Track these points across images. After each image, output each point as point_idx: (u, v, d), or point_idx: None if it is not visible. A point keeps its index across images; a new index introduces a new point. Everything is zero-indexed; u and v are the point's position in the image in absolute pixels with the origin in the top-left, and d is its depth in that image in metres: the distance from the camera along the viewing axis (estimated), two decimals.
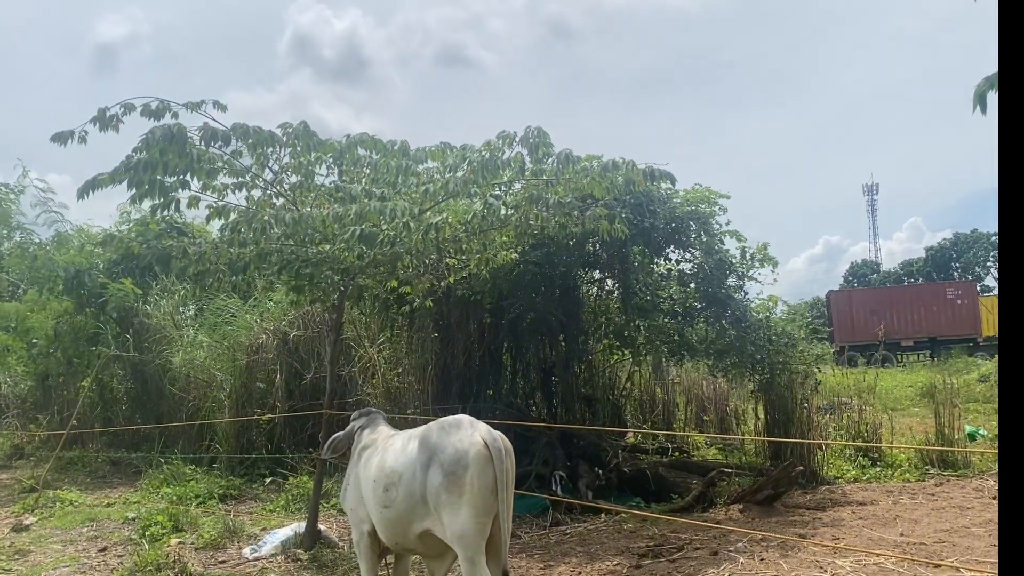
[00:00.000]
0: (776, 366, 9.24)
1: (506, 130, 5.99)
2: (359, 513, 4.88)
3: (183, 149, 5.25)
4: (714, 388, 13.07)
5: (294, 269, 6.04)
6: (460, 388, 9.63)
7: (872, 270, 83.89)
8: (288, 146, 6.00)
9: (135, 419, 13.07)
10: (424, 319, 9.49)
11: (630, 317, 9.78)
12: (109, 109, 5.56)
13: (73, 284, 12.90)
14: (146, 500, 9.51)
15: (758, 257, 9.44)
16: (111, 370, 13.37)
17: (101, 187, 5.48)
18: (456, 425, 4.39)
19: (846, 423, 10.85)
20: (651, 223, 8.68)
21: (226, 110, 5.88)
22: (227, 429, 11.01)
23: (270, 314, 11.88)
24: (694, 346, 9.93)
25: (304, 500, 8.88)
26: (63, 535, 8.11)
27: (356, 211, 5.18)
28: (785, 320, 9.92)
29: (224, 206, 6.13)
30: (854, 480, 9.41)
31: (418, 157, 6.41)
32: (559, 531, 7.73)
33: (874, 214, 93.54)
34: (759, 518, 7.69)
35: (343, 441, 5.34)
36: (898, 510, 7.75)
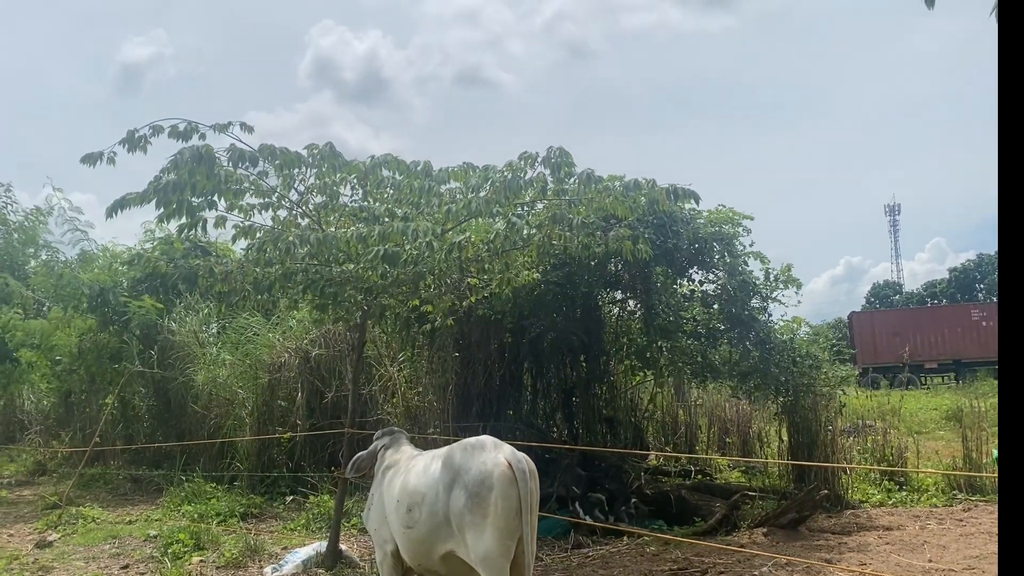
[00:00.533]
0: (800, 388, 9.14)
1: (528, 150, 6.01)
2: (382, 533, 4.87)
3: (211, 170, 5.30)
4: (737, 410, 12.95)
5: (318, 288, 6.08)
6: (480, 408, 9.61)
7: (895, 291, 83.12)
8: (314, 167, 6.05)
9: (157, 436, 13.13)
10: (445, 338, 9.49)
11: (652, 338, 9.72)
12: (138, 131, 5.63)
13: (97, 302, 13.01)
14: (167, 518, 9.53)
15: (782, 278, 9.38)
16: (134, 387, 13.46)
17: (130, 207, 5.55)
18: (480, 446, 4.38)
19: (871, 446, 10.72)
20: (674, 244, 8.65)
21: (252, 131, 5.95)
22: (248, 447, 11.04)
23: (292, 332, 11.92)
24: (717, 368, 9.85)
25: (325, 519, 8.87)
26: (86, 552, 8.14)
27: (379, 231, 5.21)
28: (809, 342, 9.82)
29: (250, 226, 6.18)
30: (880, 504, 9.27)
31: (440, 177, 6.44)
32: (581, 554, 7.67)
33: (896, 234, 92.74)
34: (783, 542, 7.58)
35: (366, 460, 5.34)
36: (926, 535, 7.63)
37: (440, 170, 6.48)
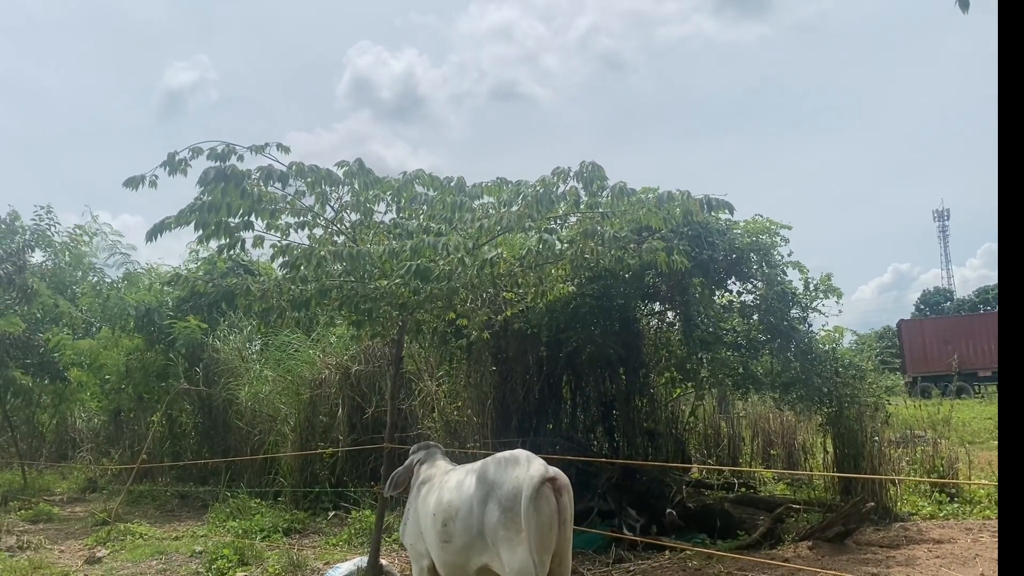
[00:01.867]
0: (844, 399, 8.97)
1: (560, 166, 6.02)
2: (418, 548, 4.88)
3: (243, 190, 5.39)
4: (781, 422, 12.75)
5: (353, 304, 6.13)
6: (519, 422, 9.61)
7: (945, 298, 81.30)
8: (345, 183, 6.13)
9: (203, 453, 13.36)
10: (482, 352, 9.51)
11: (692, 350, 9.62)
12: (178, 154, 5.76)
13: (143, 322, 13.31)
14: (213, 533, 9.66)
15: (822, 288, 9.23)
16: (180, 405, 13.71)
17: (168, 230, 5.67)
18: (514, 461, 4.37)
19: (920, 457, 10.47)
20: (710, 255, 8.57)
21: (289, 151, 6.04)
22: (291, 463, 11.16)
23: (332, 349, 12.06)
24: (759, 379, 9.72)
25: (367, 534, 8.91)
26: (133, 568, 8.28)
27: (411, 246, 5.25)
28: (853, 352, 9.65)
29: (287, 245, 6.27)
30: (930, 517, 9.04)
31: (474, 193, 6.47)
32: (622, 568, 7.59)
33: (945, 240, 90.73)
34: (829, 556, 7.43)
35: (403, 476, 5.37)
36: (978, 549, 7.41)
37: (473, 185, 6.51)
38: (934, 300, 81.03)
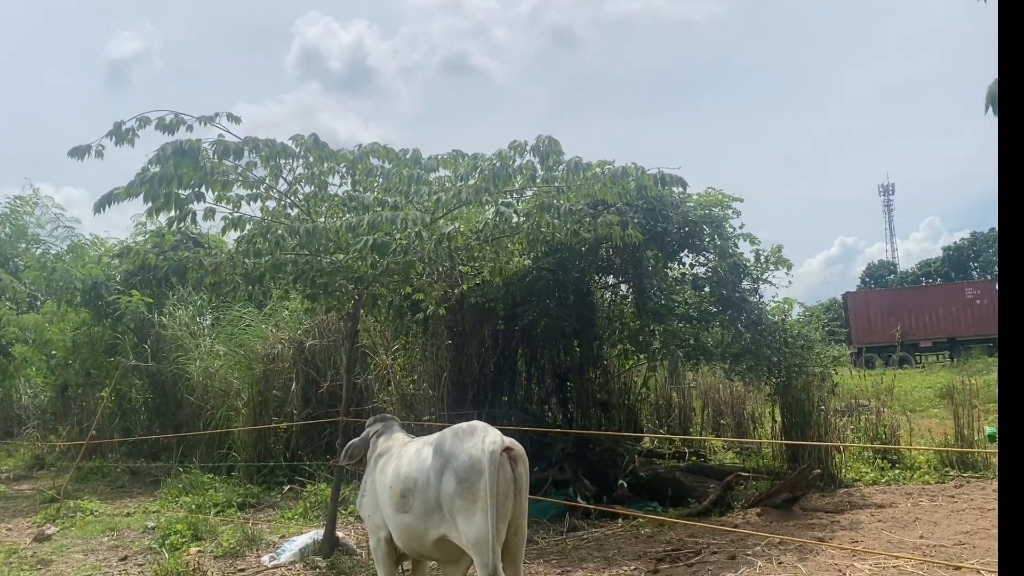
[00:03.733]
0: (792, 369, 9.19)
1: (517, 139, 6.02)
2: (376, 519, 4.91)
3: (196, 163, 5.30)
4: (731, 392, 13.04)
5: (308, 279, 6.09)
6: (475, 394, 9.66)
7: (889, 271, 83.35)
8: (301, 157, 6.05)
9: (153, 429, 13.19)
10: (438, 326, 9.53)
11: (645, 322, 9.76)
12: (125, 123, 5.63)
13: (90, 296, 13.03)
14: (165, 509, 9.58)
15: (772, 260, 9.41)
16: (129, 380, 13.50)
17: (117, 201, 5.55)
18: (469, 432, 4.40)
19: (864, 425, 10.80)
20: (664, 228, 8.67)
21: (239, 122, 5.94)
22: (245, 437, 11.09)
23: (285, 323, 11.96)
24: (710, 350, 9.91)
25: (322, 507, 8.92)
26: (84, 544, 8.19)
27: (368, 221, 5.22)
28: (801, 323, 9.88)
29: (239, 217, 6.18)
30: (873, 483, 9.35)
31: (430, 166, 6.44)
32: (576, 536, 7.73)
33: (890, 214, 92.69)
34: (777, 522, 7.65)
35: (359, 447, 5.38)
36: (917, 512, 7.70)
37: (429, 158, 6.48)
38: (879, 273, 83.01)
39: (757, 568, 6.09)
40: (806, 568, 6.00)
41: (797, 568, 6.02)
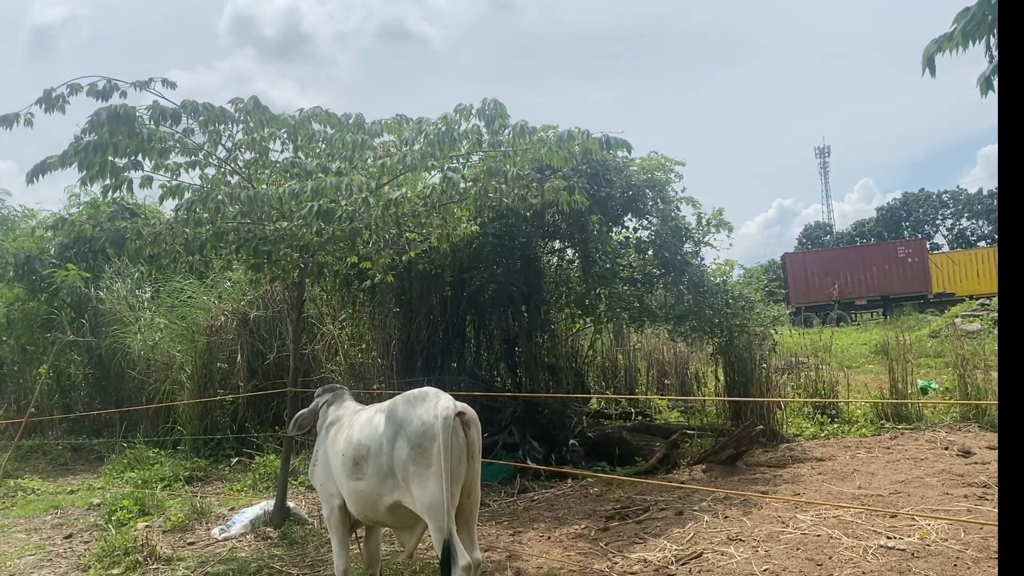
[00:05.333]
0: (734, 329, 9.39)
1: (462, 103, 5.97)
2: (328, 488, 4.91)
3: (132, 130, 5.14)
4: (674, 353, 13.28)
5: (251, 247, 5.98)
6: (424, 362, 9.67)
7: (825, 231, 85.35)
8: (240, 122, 5.91)
9: (94, 404, 12.91)
10: (386, 294, 9.48)
11: (591, 286, 9.85)
12: (55, 90, 5.42)
13: (24, 270, 12.63)
14: (110, 485, 9.43)
15: (713, 223, 9.57)
16: (68, 356, 13.16)
17: (51, 170, 5.36)
18: (422, 398, 4.42)
19: (804, 382, 11.11)
20: (608, 192, 8.73)
21: (175, 87, 5.76)
22: (189, 411, 10.93)
23: (228, 294, 11.75)
24: (654, 312, 10.05)
25: (271, 479, 8.88)
26: (27, 524, 8.02)
27: (312, 187, 5.14)
28: (742, 284, 10.09)
29: (178, 185, 6.03)
30: (813, 437, 9.66)
31: (374, 131, 6.34)
32: (527, 498, 7.84)
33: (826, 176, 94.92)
34: (722, 477, 7.86)
35: (308, 418, 5.36)
36: (855, 464, 7.98)
37: (373, 123, 6.38)
38: (815, 234, 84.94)
39: (704, 522, 6.27)
40: (751, 521, 6.20)
41: (742, 521, 6.21)
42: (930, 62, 4.99)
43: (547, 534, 6.44)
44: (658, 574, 5.27)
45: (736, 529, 6.02)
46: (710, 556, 5.48)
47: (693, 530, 6.11)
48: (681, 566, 5.35)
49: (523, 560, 5.75)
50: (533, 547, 6.10)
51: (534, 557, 5.81)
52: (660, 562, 5.46)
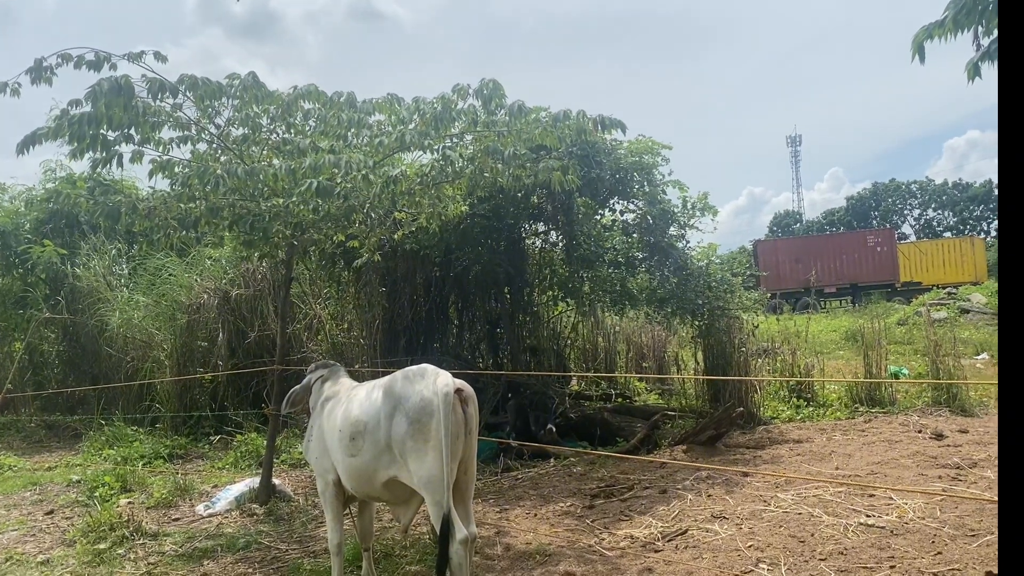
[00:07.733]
0: (716, 311, 9.51)
1: (460, 83, 5.98)
2: (323, 463, 4.93)
3: (129, 102, 5.09)
4: (652, 336, 13.42)
5: (246, 224, 5.96)
6: (407, 342, 9.69)
7: (795, 220, 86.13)
8: (235, 98, 5.87)
9: (68, 382, 12.76)
10: (370, 274, 9.47)
11: (574, 268, 9.91)
12: (45, 60, 5.35)
13: None
14: (89, 462, 9.36)
15: (699, 206, 9.65)
16: (42, 333, 12.99)
17: (42, 141, 5.30)
18: (420, 374, 4.45)
19: (780, 366, 11.29)
20: (597, 174, 8.78)
21: (166, 61, 5.71)
22: (169, 389, 10.86)
23: (209, 272, 11.66)
24: (635, 295, 10.14)
25: (253, 457, 8.88)
26: (6, 500, 7.96)
27: (310, 164, 5.13)
28: (724, 267, 10.20)
29: (168, 160, 5.98)
30: (789, 420, 9.83)
31: (365, 109, 6.32)
32: (511, 476, 7.93)
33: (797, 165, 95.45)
34: (703, 458, 7.99)
35: (301, 394, 5.38)
36: (832, 446, 8.15)
37: (364, 101, 6.37)
38: (785, 222, 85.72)
39: (688, 501, 6.39)
40: (733, 499, 6.33)
41: (725, 499, 6.34)
42: (920, 49, 5.11)
43: (533, 511, 6.52)
44: (645, 550, 5.37)
45: (720, 507, 6.14)
46: (695, 533, 5.60)
47: (678, 508, 6.23)
48: (667, 542, 5.46)
49: (512, 536, 5.84)
50: (521, 523, 6.19)
51: (522, 533, 5.90)
52: (647, 538, 5.57)
